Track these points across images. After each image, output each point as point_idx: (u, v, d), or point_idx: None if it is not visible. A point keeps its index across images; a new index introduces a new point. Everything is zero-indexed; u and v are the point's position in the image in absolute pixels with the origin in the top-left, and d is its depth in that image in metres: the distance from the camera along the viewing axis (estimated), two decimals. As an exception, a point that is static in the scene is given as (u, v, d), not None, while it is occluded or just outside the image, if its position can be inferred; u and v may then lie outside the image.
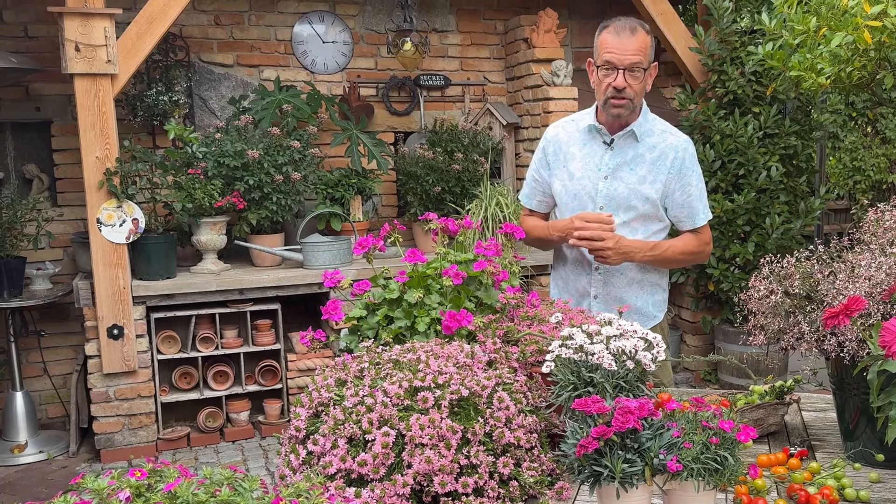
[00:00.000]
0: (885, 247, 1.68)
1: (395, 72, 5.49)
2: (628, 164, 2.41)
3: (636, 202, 2.41)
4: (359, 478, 1.51)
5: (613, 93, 2.32)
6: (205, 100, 5.17)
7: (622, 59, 2.28)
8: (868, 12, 2.79)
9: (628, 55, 2.27)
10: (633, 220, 2.43)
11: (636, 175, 2.41)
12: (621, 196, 2.41)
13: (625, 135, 2.42)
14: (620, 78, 2.29)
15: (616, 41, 2.28)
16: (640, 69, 2.30)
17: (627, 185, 2.40)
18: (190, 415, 4.72)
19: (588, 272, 2.52)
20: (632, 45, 2.28)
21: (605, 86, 2.33)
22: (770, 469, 1.68)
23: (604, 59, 2.31)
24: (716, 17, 4.97)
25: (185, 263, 4.74)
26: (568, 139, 2.50)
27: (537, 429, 1.63)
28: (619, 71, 2.29)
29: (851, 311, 1.41)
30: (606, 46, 2.30)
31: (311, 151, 4.77)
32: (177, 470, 1.52)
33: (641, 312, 2.54)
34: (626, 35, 2.28)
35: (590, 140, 2.47)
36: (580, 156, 2.47)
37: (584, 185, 2.44)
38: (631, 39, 2.28)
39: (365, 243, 2.07)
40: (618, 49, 2.28)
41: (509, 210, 4.90)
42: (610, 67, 2.30)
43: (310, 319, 4.31)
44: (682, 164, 2.42)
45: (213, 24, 5.17)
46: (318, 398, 1.65)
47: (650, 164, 2.41)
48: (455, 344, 1.74)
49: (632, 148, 2.42)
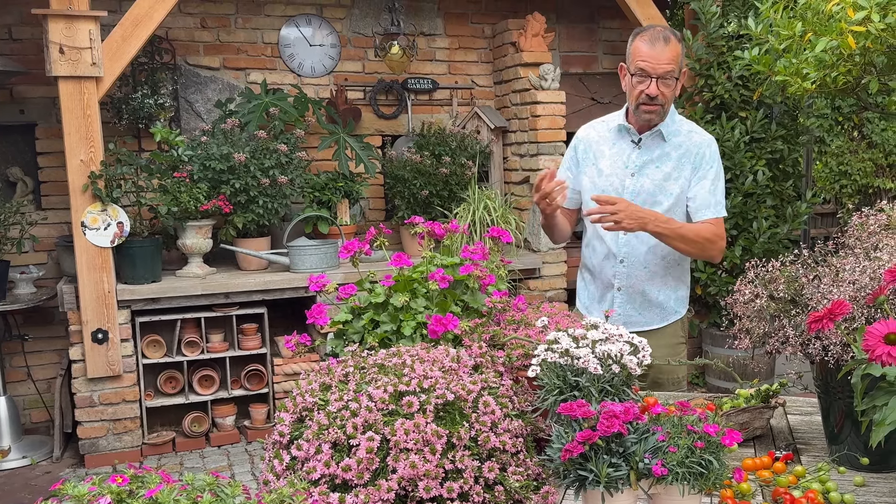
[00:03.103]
0: (870, 251, 1.69)
1: (383, 75, 5.48)
2: (654, 161, 2.51)
3: (661, 198, 2.50)
4: (343, 483, 1.49)
5: (646, 99, 2.41)
6: (191, 103, 5.14)
7: (655, 68, 2.36)
8: (852, 18, 2.80)
9: (662, 64, 2.36)
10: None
11: (661, 172, 2.51)
12: (647, 192, 2.50)
13: (652, 134, 2.52)
14: (653, 86, 2.38)
15: (650, 50, 2.36)
16: (673, 77, 2.39)
17: (653, 181, 2.50)
18: (175, 419, 4.69)
19: (613, 264, 2.59)
20: (665, 55, 2.36)
21: (637, 92, 2.42)
22: (755, 473, 1.68)
23: (638, 67, 2.39)
24: (703, 21, 5.00)
25: (170, 267, 4.71)
26: (598, 138, 2.61)
27: (523, 433, 1.62)
28: (652, 79, 2.38)
29: (835, 315, 1.41)
30: (640, 55, 2.38)
31: (297, 155, 4.76)
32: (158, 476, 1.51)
33: (663, 307, 2.62)
34: (660, 44, 2.36)
35: (619, 139, 2.57)
36: (609, 154, 2.57)
37: (611, 182, 2.54)
38: (665, 49, 2.36)
39: (351, 247, 2.06)
40: (651, 58, 2.36)
41: (497, 214, 4.90)
42: (644, 75, 2.38)
43: (296, 323, 4.29)
44: (703, 158, 2.51)
45: (200, 26, 5.15)
46: (303, 403, 1.64)
47: (675, 162, 2.51)
48: (441, 348, 1.73)
49: (658, 147, 2.52)
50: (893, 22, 2.76)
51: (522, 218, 5.35)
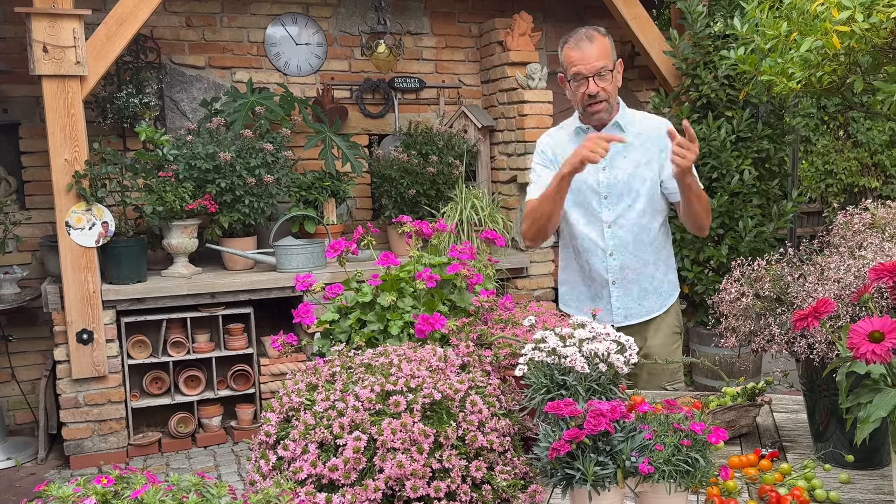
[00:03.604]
0: (854, 250, 1.69)
1: (369, 74, 5.47)
2: (620, 153, 2.57)
3: (637, 185, 2.56)
4: (330, 483, 1.49)
5: (589, 100, 2.51)
6: (176, 102, 5.12)
7: (588, 68, 2.47)
8: (837, 17, 2.82)
9: (592, 62, 2.47)
10: (636, 201, 2.57)
11: (630, 161, 2.57)
12: (622, 182, 2.57)
13: (610, 128, 2.58)
14: (592, 84, 2.48)
15: (578, 53, 2.48)
16: (607, 71, 2.50)
17: (625, 171, 2.57)
18: (161, 420, 4.67)
19: (603, 259, 2.61)
20: (594, 53, 2.47)
21: (580, 95, 2.52)
22: (741, 470, 1.69)
23: (572, 73, 2.50)
24: (689, 21, 5.01)
25: (155, 267, 4.69)
26: (562, 141, 2.65)
27: (510, 432, 1.62)
28: (589, 78, 2.48)
29: (820, 313, 1.41)
30: (571, 60, 2.50)
31: (284, 154, 4.74)
32: (144, 476, 1.50)
33: (659, 293, 2.67)
34: (585, 44, 2.48)
35: (580, 140, 2.58)
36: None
37: (584, 179, 2.57)
38: (591, 47, 2.47)
39: (338, 246, 2.05)
40: (581, 60, 2.47)
41: (485, 213, 4.90)
42: (580, 78, 2.49)
43: (283, 323, 4.28)
44: (666, 140, 2.52)
45: (185, 25, 5.12)
46: (289, 403, 1.63)
47: (641, 148, 2.57)
48: (428, 347, 1.73)
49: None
50: (877, 22, 2.78)
51: (510, 217, 5.35)
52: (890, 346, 1.25)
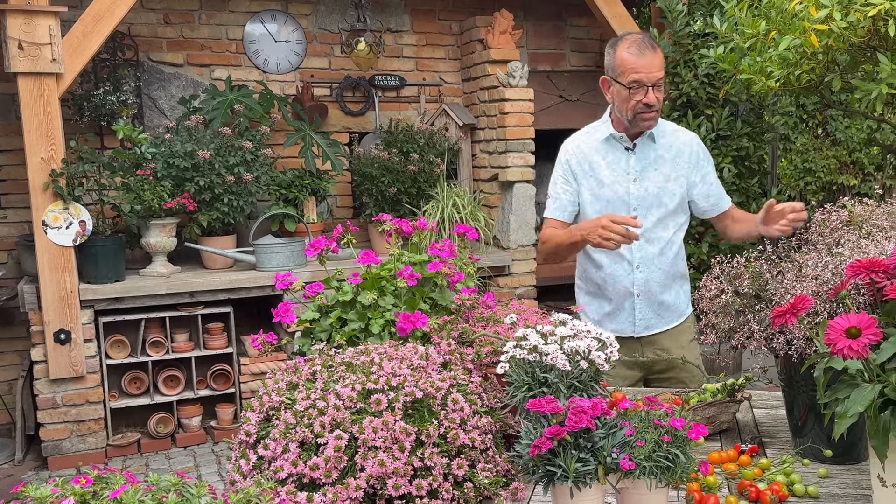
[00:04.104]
0: (832, 247, 1.71)
1: (350, 72, 5.45)
2: (652, 164, 2.54)
3: (666, 199, 2.54)
4: (311, 482, 1.48)
5: (644, 108, 2.43)
6: (154, 100, 5.07)
7: (650, 77, 2.39)
8: (814, 16, 2.84)
9: (654, 72, 2.40)
10: (664, 216, 2.56)
11: (661, 174, 2.54)
12: (651, 195, 2.54)
13: (644, 138, 2.54)
14: (651, 94, 2.41)
15: (641, 60, 2.39)
16: (662, 81, 2.45)
17: (655, 184, 2.54)
18: (140, 420, 4.64)
19: (630, 273, 2.58)
20: (657, 62, 2.41)
21: (634, 103, 2.43)
22: (721, 466, 1.70)
23: (632, 80, 2.40)
24: (669, 20, 5.03)
25: (134, 266, 4.65)
26: (588, 149, 2.59)
27: (492, 430, 1.62)
28: (648, 88, 2.40)
29: (798, 309, 1.42)
30: (633, 66, 2.40)
31: (263, 152, 4.72)
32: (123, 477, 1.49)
33: (677, 304, 2.66)
34: (649, 52, 2.40)
35: (611, 148, 2.57)
36: (605, 163, 2.56)
37: (615, 190, 2.55)
38: (655, 57, 2.40)
39: (318, 245, 2.04)
40: (645, 68, 2.39)
41: (466, 211, 4.90)
42: (639, 86, 2.40)
43: (263, 322, 4.25)
44: (698, 157, 2.59)
45: (163, 22, 5.08)
46: (269, 402, 1.62)
47: (671, 162, 2.55)
48: (409, 346, 1.73)
49: (651, 150, 2.55)
50: (855, 21, 2.80)
51: (492, 215, 5.36)
52: (866, 342, 1.26)
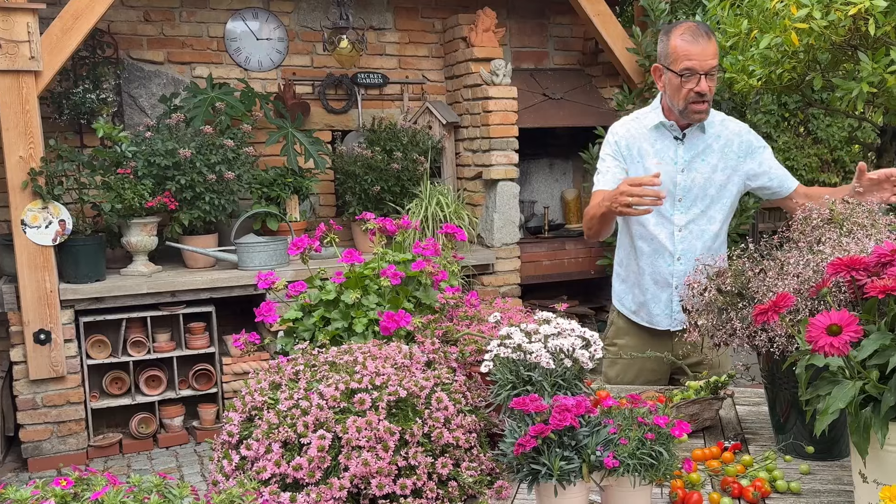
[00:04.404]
0: (813, 245, 1.72)
1: (332, 69, 5.43)
2: (700, 155, 2.49)
3: (712, 190, 2.49)
4: (294, 482, 1.47)
5: (696, 97, 2.36)
6: (134, 98, 5.03)
7: (703, 65, 2.33)
8: (795, 15, 2.86)
9: (708, 60, 2.33)
10: (709, 207, 2.50)
11: (708, 164, 2.49)
12: (698, 187, 2.48)
13: (694, 128, 2.48)
14: (704, 83, 2.34)
15: (696, 48, 2.33)
16: (716, 71, 2.38)
17: (702, 174, 2.48)
18: (122, 421, 4.61)
19: (670, 263, 2.52)
20: (710, 50, 2.34)
21: (685, 91, 2.37)
22: (704, 463, 1.71)
23: (685, 67, 2.34)
24: (652, 18, 5.05)
25: (114, 266, 4.61)
26: (637, 135, 2.53)
27: (476, 428, 1.62)
28: (701, 76, 2.34)
29: (780, 307, 1.43)
30: (686, 53, 2.34)
31: (245, 150, 4.69)
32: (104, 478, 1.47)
33: None
34: (703, 40, 2.33)
35: (659, 136, 2.51)
36: (653, 151, 2.51)
37: (661, 180, 2.45)
38: (709, 44, 2.34)
39: (300, 244, 2.03)
40: (699, 55, 2.33)
41: (450, 210, 4.89)
42: (692, 74, 2.34)
43: (245, 321, 4.23)
44: (750, 144, 2.51)
45: (143, 20, 5.04)
46: (252, 402, 1.61)
47: (719, 153, 2.49)
48: (393, 345, 1.72)
49: (700, 140, 2.49)
50: (836, 19, 2.82)
51: (475, 213, 5.35)
52: (847, 339, 1.27)
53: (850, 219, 1.78)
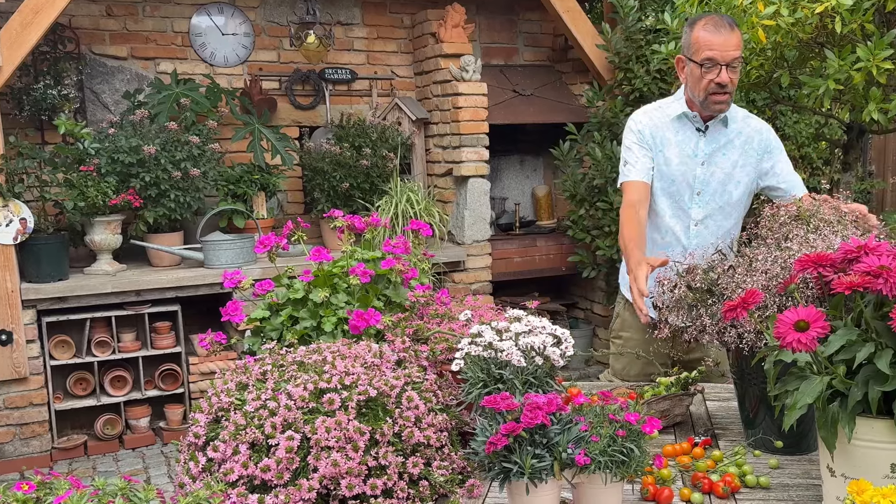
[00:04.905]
0: (781, 241, 1.73)
1: (299, 65, 5.37)
2: (721, 149, 2.47)
3: (731, 187, 2.47)
4: (262, 484, 1.46)
5: (716, 88, 2.34)
6: (97, 94, 4.94)
7: (724, 56, 2.31)
8: (763, 12, 2.88)
9: (730, 51, 2.31)
10: (727, 204, 2.48)
11: (729, 160, 2.47)
12: (717, 181, 2.47)
13: (716, 121, 2.46)
14: (724, 74, 2.32)
15: (716, 38, 2.31)
16: (738, 63, 2.36)
17: (722, 170, 2.47)
18: (87, 422, 4.53)
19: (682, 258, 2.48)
20: (733, 41, 2.32)
21: (706, 82, 2.35)
22: (675, 459, 1.71)
23: (706, 57, 2.32)
24: (621, 15, 5.06)
25: (78, 265, 4.53)
26: (660, 124, 2.51)
27: (448, 427, 1.61)
28: (722, 67, 2.32)
29: (749, 304, 1.44)
30: (708, 43, 2.32)
31: (211, 147, 4.62)
32: (67, 482, 1.45)
33: None
34: (725, 31, 2.32)
35: (682, 127, 2.49)
36: (675, 141, 2.49)
37: (682, 171, 2.48)
38: (731, 35, 2.32)
39: (267, 241, 2.00)
40: (720, 46, 2.31)
41: (420, 206, 4.87)
42: (713, 64, 2.32)
43: (213, 321, 4.17)
44: (769, 143, 2.50)
45: (105, 14, 4.94)
46: (218, 403, 1.59)
47: (740, 149, 2.47)
48: (363, 343, 1.70)
49: (722, 134, 2.47)
50: (803, 17, 2.85)
51: (446, 210, 5.34)
52: (815, 335, 1.28)
53: (817, 215, 1.80)
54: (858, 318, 1.35)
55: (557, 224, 5.87)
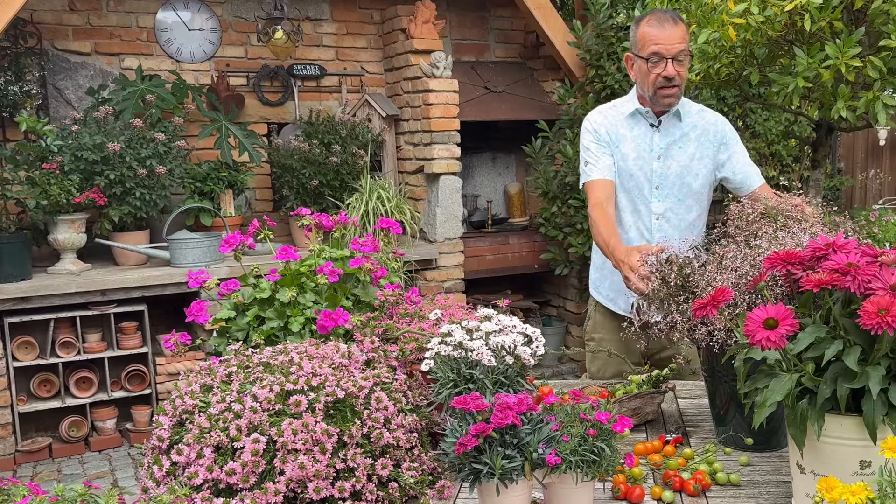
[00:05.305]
0: (750, 239, 1.73)
1: (267, 61, 5.31)
2: (677, 143, 2.49)
3: (689, 179, 2.49)
4: (227, 488, 1.42)
5: (664, 82, 2.38)
6: (60, 90, 4.84)
7: (669, 49, 2.35)
8: (733, 10, 2.89)
9: (675, 44, 2.35)
10: (685, 196, 2.50)
11: (686, 153, 2.49)
12: (674, 174, 2.49)
13: (670, 116, 2.49)
14: (671, 67, 2.36)
15: (662, 32, 2.35)
16: (685, 56, 2.39)
17: (679, 163, 2.49)
18: (52, 424, 4.47)
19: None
20: (677, 35, 2.36)
21: (653, 76, 2.39)
22: (647, 457, 1.70)
23: (651, 51, 2.36)
24: (592, 12, 5.06)
25: (41, 264, 4.45)
26: (615, 121, 2.53)
27: (418, 428, 1.59)
28: (668, 60, 2.36)
29: (718, 302, 1.43)
30: (652, 38, 2.36)
31: (177, 144, 4.56)
32: (26, 487, 1.41)
33: None
34: (669, 25, 2.36)
35: (636, 124, 2.51)
36: (630, 137, 2.51)
37: (639, 166, 2.49)
38: (675, 29, 2.36)
39: (232, 240, 1.96)
40: (665, 40, 2.35)
41: (391, 204, 4.84)
42: (659, 58, 2.36)
43: (180, 321, 4.09)
44: (725, 135, 2.52)
45: (68, 9, 4.85)
46: (182, 405, 1.55)
47: (696, 142, 2.50)
48: (330, 344, 1.68)
49: (677, 128, 2.50)
50: (772, 15, 2.86)
51: (418, 208, 5.31)
52: (783, 333, 1.28)
53: (782, 213, 1.81)
54: (827, 315, 1.35)
55: (530, 221, 5.87)
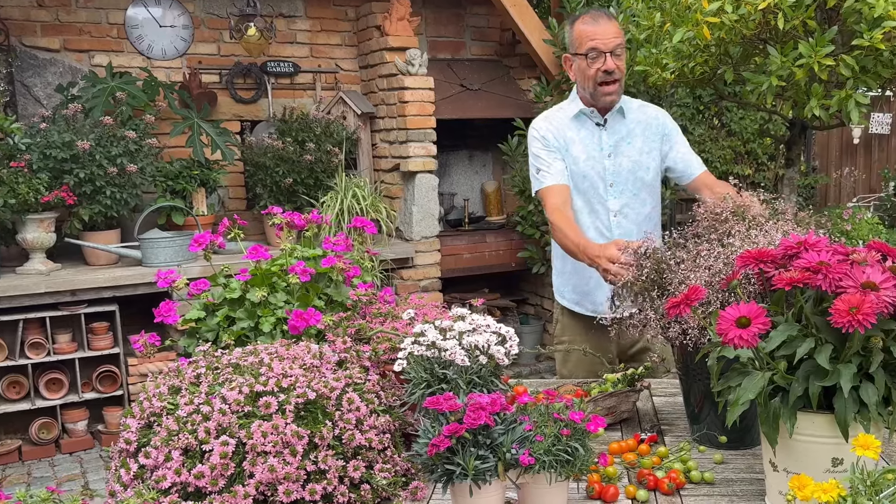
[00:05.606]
0: (724, 238, 1.73)
1: (240, 58, 5.26)
2: (625, 139, 2.52)
3: (641, 173, 2.52)
4: (196, 491, 1.40)
5: (604, 77, 2.41)
6: (28, 87, 4.76)
7: (606, 43, 2.38)
8: (707, 9, 2.90)
9: (611, 38, 2.39)
10: (639, 191, 2.52)
11: (635, 148, 2.52)
12: (627, 170, 2.51)
13: (614, 113, 2.51)
14: (610, 61, 2.39)
15: (597, 28, 2.40)
16: (622, 49, 2.43)
17: (630, 158, 2.51)
18: (21, 427, 4.40)
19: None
20: (612, 30, 2.40)
21: (593, 71, 2.41)
22: (621, 456, 1.70)
23: (589, 47, 2.40)
24: (568, 10, 5.06)
25: (9, 264, 4.37)
26: (561, 126, 2.54)
27: (391, 429, 1.57)
28: (606, 54, 2.39)
29: (692, 300, 1.43)
30: (589, 34, 2.40)
31: (148, 142, 4.50)
32: (-12, 494, 1.38)
33: None
34: (604, 21, 2.41)
35: (582, 125, 2.53)
36: (578, 139, 2.52)
37: (591, 166, 2.50)
38: (609, 24, 2.40)
39: (202, 240, 1.93)
40: (601, 34, 2.39)
41: (367, 202, 4.81)
42: (597, 53, 2.39)
43: (153, 321, 4.06)
44: (666, 126, 2.56)
45: (36, 5, 4.76)
46: (150, 408, 1.52)
47: (642, 136, 2.53)
48: (302, 344, 1.65)
49: (622, 125, 2.52)
50: (746, 13, 2.87)
51: (394, 206, 5.28)
52: (756, 332, 1.28)
53: (752, 210, 1.81)
54: (799, 313, 1.35)
55: (507, 220, 5.86)
